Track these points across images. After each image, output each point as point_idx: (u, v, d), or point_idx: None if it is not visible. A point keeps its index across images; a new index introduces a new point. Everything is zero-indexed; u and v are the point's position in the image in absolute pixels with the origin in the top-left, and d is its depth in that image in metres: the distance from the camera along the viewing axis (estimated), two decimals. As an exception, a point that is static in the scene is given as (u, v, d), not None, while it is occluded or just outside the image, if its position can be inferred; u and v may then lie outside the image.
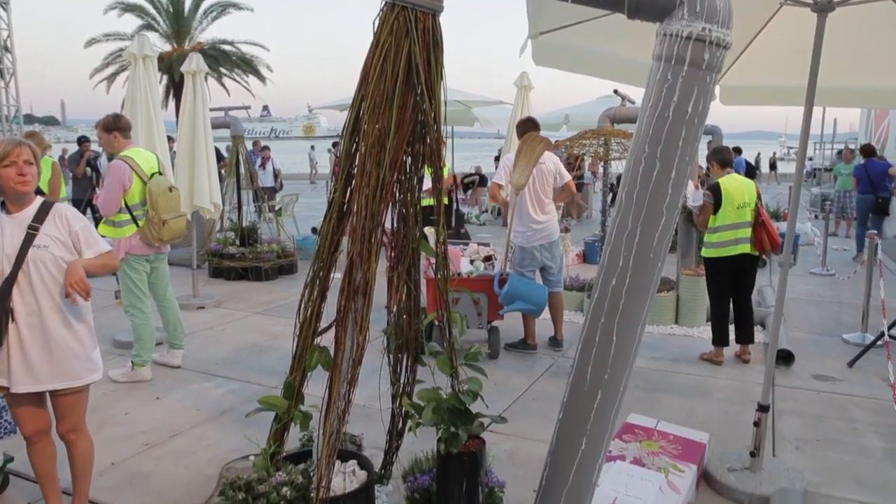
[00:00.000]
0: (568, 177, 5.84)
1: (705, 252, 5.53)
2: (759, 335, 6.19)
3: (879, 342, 5.50)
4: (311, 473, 2.46)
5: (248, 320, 6.92)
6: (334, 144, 17.46)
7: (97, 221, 7.04)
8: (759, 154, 34.27)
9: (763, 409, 3.55)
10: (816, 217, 14.37)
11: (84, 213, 11.13)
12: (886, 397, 4.67)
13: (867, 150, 10.86)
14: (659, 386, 5.09)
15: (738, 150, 15.07)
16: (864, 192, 10.51)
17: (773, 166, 32.30)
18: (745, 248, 5.37)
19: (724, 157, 5.60)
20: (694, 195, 5.46)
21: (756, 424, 3.56)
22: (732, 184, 5.41)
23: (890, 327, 5.30)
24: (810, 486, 3.57)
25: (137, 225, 4.92)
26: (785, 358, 5.45)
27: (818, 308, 7.48)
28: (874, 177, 10.36)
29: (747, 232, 5.37)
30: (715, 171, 5.60)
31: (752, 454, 3.59)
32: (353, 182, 2.50)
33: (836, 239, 12.25)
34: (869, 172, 10.45)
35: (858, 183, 10.62)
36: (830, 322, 6.88)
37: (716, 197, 5.37)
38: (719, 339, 5.56)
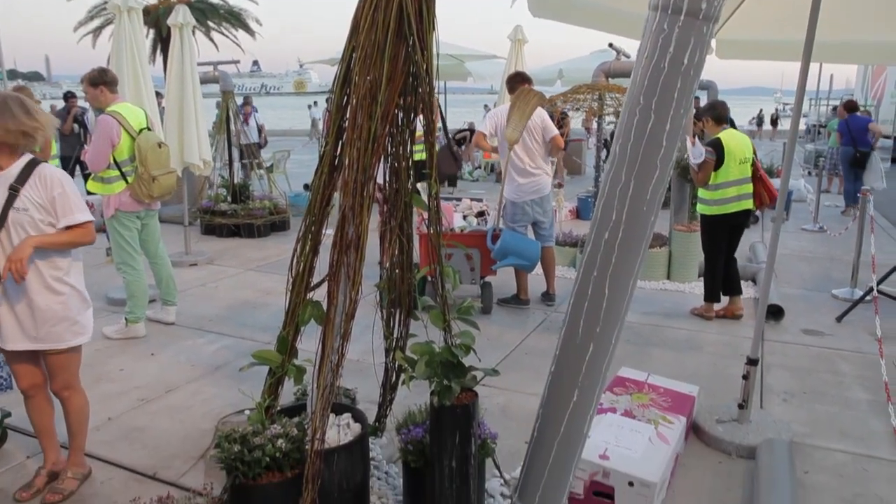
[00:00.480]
0: (555, 131, 5.67)
1: (705, 209, 5.42)
2: (750, 290, 6.24)
3: (868, 297, 5.56)
4: (306, 426, 2.48)
5: (240, 277, 6.92)
6: (328, 100, 17.22)
7: (87, 178, 6.96)
8: (761, 110, 34.21)
9: (752, 362, 3.60)
10: (810, 174, 14.35)
11: (73, 170, 11.04)
12: (873, 351, 4.74)
13: (850, 106, 11.19)
14: (650, 340, 5.15)
15: None
16: (846, 144, 10.80)
17: (774, 122, 32.26)
18: (748, 204, 5.33)
19: (719, 113, 5.41)
20: (693, 151, 5.31)
21: (745, 377, 3.61)
22: (733, 139, 5.31)
23: (879, 282, 5.34)
24: (796, 436, 3.64)
25: (127, 181, 4.86)
26: (775, 313, 5.51)
27: (809, 264, 7.53)
28: (855, 132, 10.71)
29: (750, 188, 5.32)
30: (709, 128, 5.46)
31: (741, 406, 3.65)
32: (345, 135, 2.46)
33: (829, 195, 12.28)
34: (850, 127, 10.79)
35: (841, 137, 10.95)
36: (821, 278, 6.94)
37: (718, 153, 5.25)
38: (711, 296, 5.58)
